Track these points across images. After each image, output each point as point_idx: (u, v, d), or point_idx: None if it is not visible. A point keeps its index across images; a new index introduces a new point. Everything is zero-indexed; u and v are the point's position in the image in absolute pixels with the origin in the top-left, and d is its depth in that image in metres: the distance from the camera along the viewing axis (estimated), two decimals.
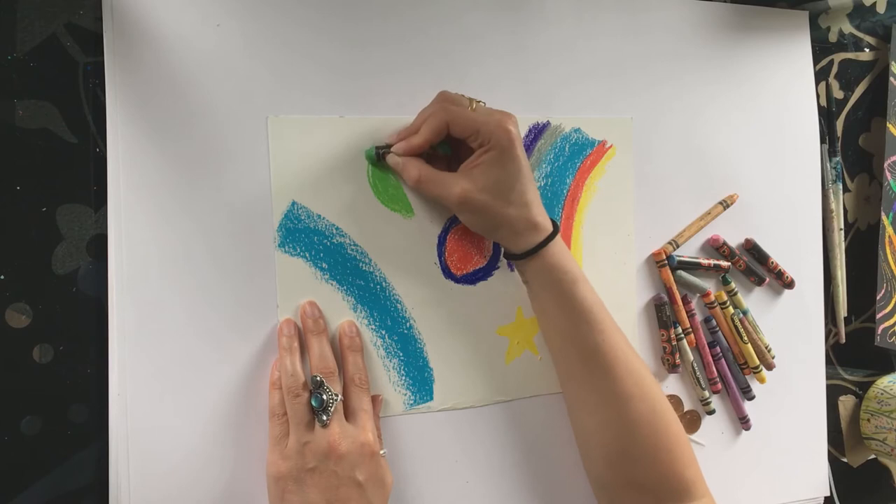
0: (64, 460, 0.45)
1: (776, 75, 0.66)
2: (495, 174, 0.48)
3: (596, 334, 0.50)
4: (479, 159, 0.48)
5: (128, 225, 0.46)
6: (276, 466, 0.46)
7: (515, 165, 0.48)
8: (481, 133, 0.48)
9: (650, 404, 0.50)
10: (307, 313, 0.50)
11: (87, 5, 0.46)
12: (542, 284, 0.51)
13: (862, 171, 0.72)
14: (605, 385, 0.50)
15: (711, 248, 0.64)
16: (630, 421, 0.50)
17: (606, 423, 0.51)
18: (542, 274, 0.51)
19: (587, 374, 0.51)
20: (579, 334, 0.50)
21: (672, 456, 0.50)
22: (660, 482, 0.50)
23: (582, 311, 0.50)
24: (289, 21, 0.51)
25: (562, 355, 0.53)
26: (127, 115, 0.46)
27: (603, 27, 0.60)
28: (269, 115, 0.50)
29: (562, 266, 0.50)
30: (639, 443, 0.50)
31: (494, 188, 0.48)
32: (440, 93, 0.51)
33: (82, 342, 0.46)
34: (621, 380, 0.50)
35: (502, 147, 0.48)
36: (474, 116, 0.48)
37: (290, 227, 0.50)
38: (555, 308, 0.51)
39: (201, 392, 0.48)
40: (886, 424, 0.68)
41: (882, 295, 0.71)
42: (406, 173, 0.50)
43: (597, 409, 0.51)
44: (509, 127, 0.48)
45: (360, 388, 0.49)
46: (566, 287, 0.50)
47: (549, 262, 0.50)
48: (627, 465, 0.50)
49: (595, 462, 0.52)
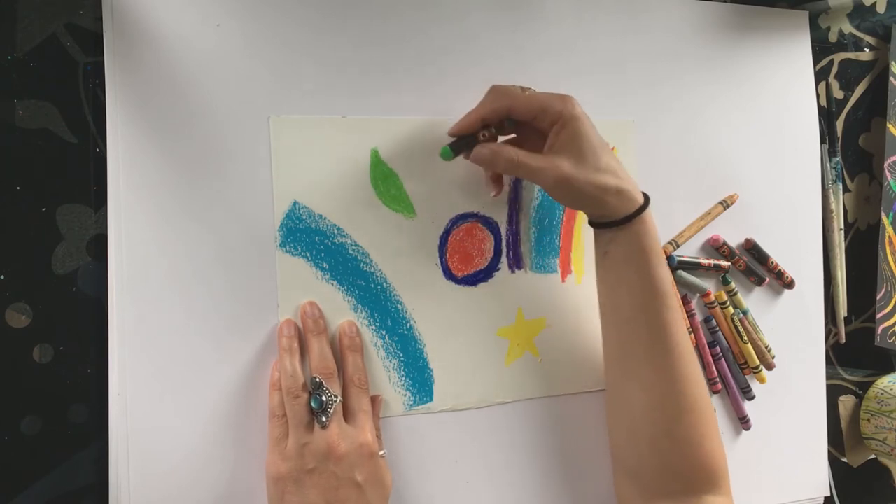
0: (64, 460, 0.45)
1: (776, 75, 0.66)
2: (577, 146, 0.48)
3: (669, 312, 0.50)
4: (558, 139, 0.49)
5: (128, 225, 0.46)
6: (275, 467, 0.46)
7: (588, 130, 0.49)
8: (548, 111, 0.48)
9: (701, 390, 0.51)
10: (307, 313, 0.50)
11: (87, 5, 0.46)
12: (626, 255, 0.51)
13: (862, 171, 0.72)
14: (666, 364, 0.50)
15: (711, 248, 0.64)
16: (683, 404, 0.50)
17: (659, 403, 0.50)
18: (629, 244, 0.51)
19: (651, 352, 0.51)
20: (652, 309, 0.50)
21: (712, 446, 0.51)
22: (695, 470, 0.50)
23: (660, 287, 0.50)
24: (289, 21, 0.50)
25: (626, 330, 0.52)
26: (127, 115, 0.46)
27: (603, 27, 0.60)
28: (270, 114, 0.50)
29: (653, 238, 0.51)
30: (684, 425, 0.50)
31: (581, 159, 0.48)
32: (492, 87, 0.51)
33: (82, 342, 0.46)
34: (683, 361, 0.50)
35: (573, 121, 0.48)
36: (536, 97, 0.49)
37: (292, 227, 0.50)
38: (634, 281, 0.51)
39: (201, 392, 0.47)
40: (886, 424, 0.68)
41: (882, 295, 0.71)
42: (496, 160, 0.49)
43: (652, 387, 0.51)
44: (573, 101, 0.49)
45: (360, 388, 0.49)
46: (651, 261, 0.50)
47: (642, 232, 0.50)
48: (669, 448, 0.50)
49: (637, 442, 0.52)
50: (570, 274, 0.59)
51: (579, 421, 0.58)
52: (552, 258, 0.58)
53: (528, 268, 0.57)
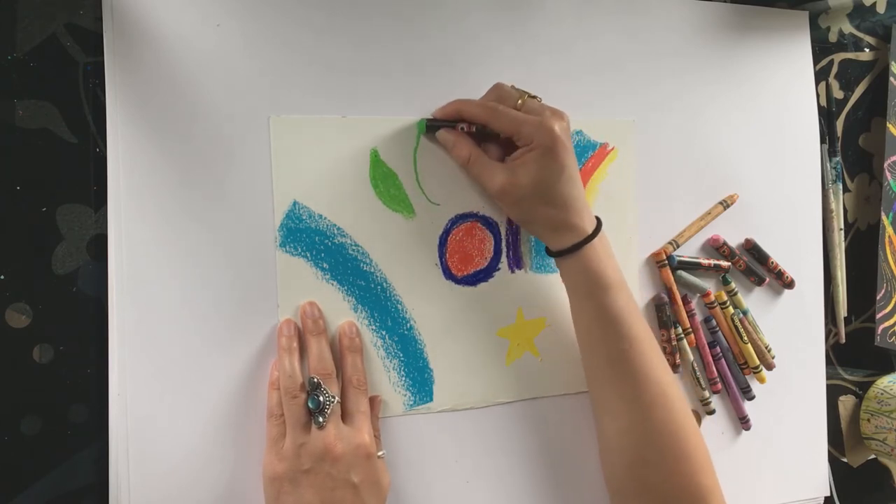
0: (64, 460, 0.45)
1: (776, 75, 0.66)
2: (535, 173, 0.48)
3: (623, 341, 0.50)
4: (522, 157, 0.49)
5: (128, 225, 0.46)
6: (272, 467, 0.46)
7: (557, 165, 0.48)
8: (522, 133, 0.49)
9: (672, 414, 0.50)
10: (307, 313, 0.50)
11: (87, 5, 0.46)
12: (575, 285, 0.51)
13: (862, 171, 0.72)
14: (628, 392, 0.50)
15: (711, 248, 0.64)
16: (651, 429, 0.50)
17: (628, 429, 0.50)
18: (574, 275, 0.51)
19: (612, 380, 0.51)
20: (606, 340, 0.50)
21: (690, 465, 0.50)
22: (677, 491, 0.50)
23: (611, 317, 0.50)
24: (289, 21, 0.50)
25: (589, 358, 0.53)
26: (127, 115, 0.46)
27: (603, 27, 0.60)
28: (270, 115, 0.50)
29: (596, 270, 0.50)
30: (658, 450, 0.50)
31: (534, 186, 0.49)
32: (495, 85, 0.51)
33: (82, 342, 0.46)
34: (645, 388, 0.50)
35: (544, 147, 0.48)
36: (515, 117, 0.49)
37: (292, 227, 0.50)
38: (585, 311, 0.51)
39: (201, 392, 0.47)
40: (886, 424, 0.68)
41: (882, 295, 0.71)
42: (456, 151, 0.51)
43: (620, 414, 0.51)
44: (552, 127, 0.48)
45: (358, 389, 0.49)
46: (598, 292, 0.50)
47: (583, 264, 0.50)
48: (646, 472, 0.50)
49: (614, 467, 0.52)
50: None
51: (580, 421, 0.58)
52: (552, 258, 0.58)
53: (529, 268, 0.57)
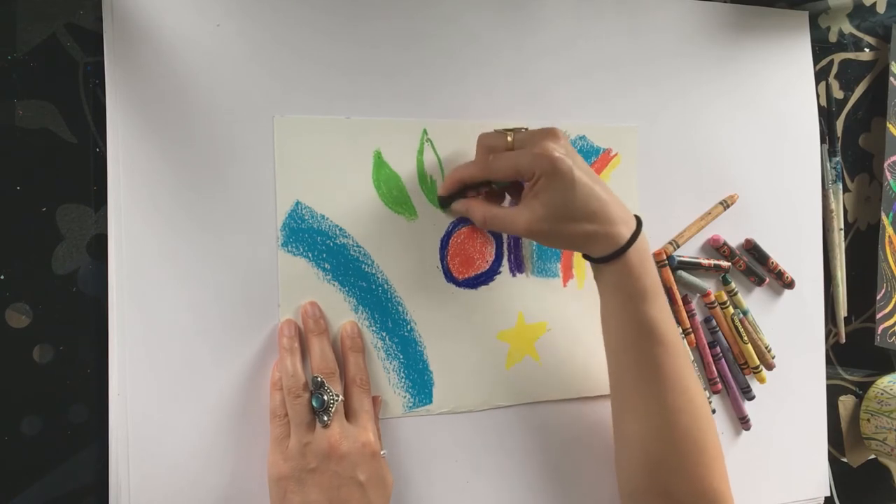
0: (64, 460, 0.45)
1: (776, 75, 0.66)
2: (548, 200, 0.48)
3: (657, 346, 0.50)
4: (532, 191, 0.49)
5: (128, 225, 0.46)
6: (277, 467, 0.46)
7: (566, 184, 0.48)
8: (522, 170, 0.49)
9: (697, 421, 0.50)
10: (308, 313, 0.50)
11: (87, 5, 0.46)
12: (611, 292, 0.51)
13: (862, 171, 0.72)
14: (658, 396, 0.50)
15: (711, 249, 0.64)
16: (675, 434, 0.50)
17: (651, 432, 0.50)
18: (611, 283, 0.50)
19: (640, 384, 0.51)
20: (640, 344, 0.50)
21: (708, 470, 0.50)
22: (692, 494, 0.50)
23: (646, 324, 0.49)
24: (291, 22, 0.50)
25: (618, 359, 0.52)
26: (127, 115, 0.46)
27: (603, 27, 0.60)
28: (274, 115, 0.50)
29: (636, 278, 0.49)
30: (679, 455, 0.50)
31: (555, 213, 0.48)
32: (478, 137, 0.52)
33: (82, 342, 0.46)
34: (673, 394, 0.50)
35: (546, 173, 0.48)
36: (509, 159, 0.49)
37: (294, 227, 0.50)
38: (622, 317, 0.50)
39: (202, 392, 0.47)
40: (886, 424, 0.69)
41: (882, 295, 0.71)
42: (472, 216, 0.53)
43: (645, 417, 0.51)
44: (546, 150, 0.48)
45: (362, 388, 0.49)
46: (635, 299, 0.50)
47: (621, 273, 0.49)
48: (664, 475, 0.50)
49: (632, 469, 0.52)
50: (572, 278, 0.58)
51: (580, 426, 0.58)
52: (553, 262, 0.58)
53: (530, 272, 0.57)
